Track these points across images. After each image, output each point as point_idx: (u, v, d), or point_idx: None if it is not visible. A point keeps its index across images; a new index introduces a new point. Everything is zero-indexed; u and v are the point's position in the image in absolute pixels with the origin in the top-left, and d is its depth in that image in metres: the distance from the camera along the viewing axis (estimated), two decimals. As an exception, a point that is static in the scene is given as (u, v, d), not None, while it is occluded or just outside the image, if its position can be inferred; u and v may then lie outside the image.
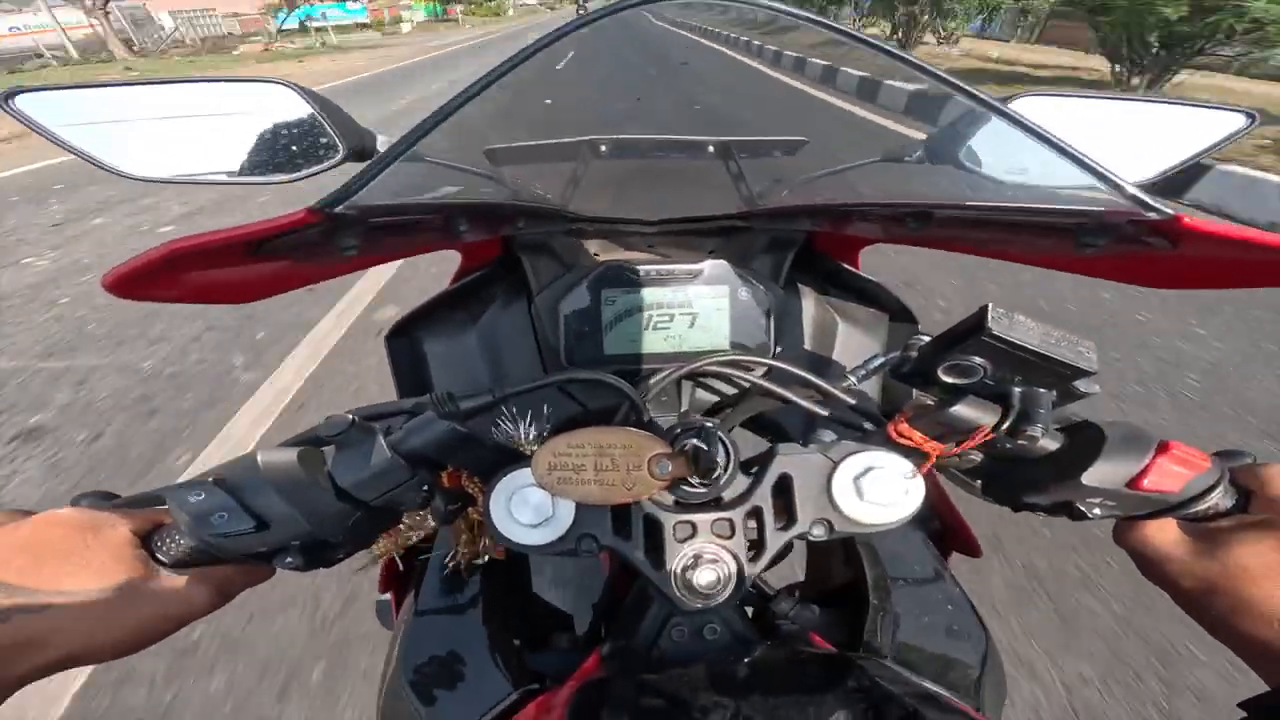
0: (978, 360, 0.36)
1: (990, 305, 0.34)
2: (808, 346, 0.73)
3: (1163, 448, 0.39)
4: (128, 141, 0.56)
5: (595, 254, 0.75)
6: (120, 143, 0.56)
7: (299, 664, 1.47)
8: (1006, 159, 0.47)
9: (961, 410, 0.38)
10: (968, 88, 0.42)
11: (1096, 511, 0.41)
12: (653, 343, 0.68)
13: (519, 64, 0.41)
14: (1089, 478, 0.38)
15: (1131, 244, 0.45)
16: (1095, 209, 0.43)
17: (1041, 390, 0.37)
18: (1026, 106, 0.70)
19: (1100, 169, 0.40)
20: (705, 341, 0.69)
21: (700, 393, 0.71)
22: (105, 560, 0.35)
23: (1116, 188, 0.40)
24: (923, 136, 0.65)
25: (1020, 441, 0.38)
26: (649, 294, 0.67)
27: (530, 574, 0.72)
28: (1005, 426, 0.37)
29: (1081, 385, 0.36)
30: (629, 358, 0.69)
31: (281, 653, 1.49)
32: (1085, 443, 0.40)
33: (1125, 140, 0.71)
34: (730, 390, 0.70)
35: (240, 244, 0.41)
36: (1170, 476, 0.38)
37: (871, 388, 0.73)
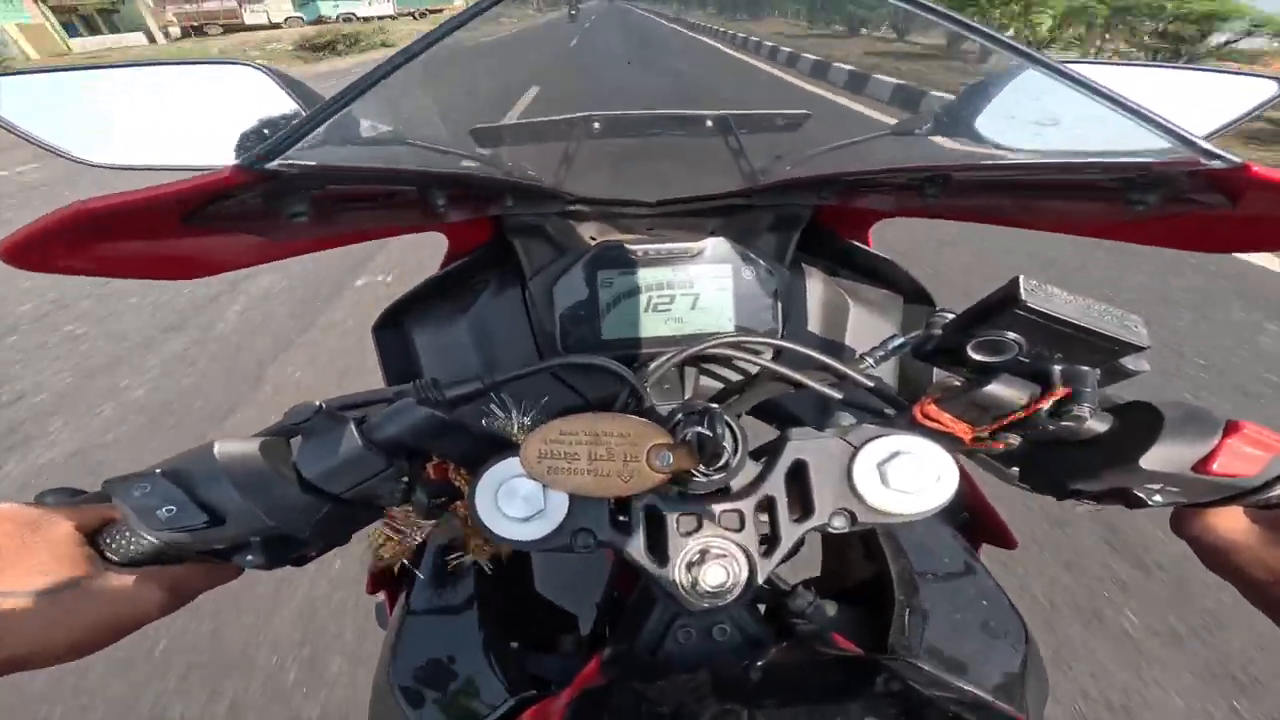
0: (1011, 336, 0.33)
1: (1022, 276, 0.31)
2: (817, 329, 0.69)
3: (1232, 428, 0.36)
4: (90, 128, 0.54)
5: (591, 237, 0.72)
6: (82, 129, 0.53)
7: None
8: (1039, 114, 0.43)
9: (996, 389, 0.35)
10: (1004, 39, 0.38)
11: (1157, 498, 0.37)
12: (653, 325, 0.65)
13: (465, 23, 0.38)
14: (1149, 461, 0.35)
15: (1186, 202, 0.41)
16: (1149, 161, 0.38)
17: (1085, 368, 0.34)
18: (1029, 79, 0.66)
19: (1155, 116, 0.35)
20: (708, 324, 0.66)
21: (704, 379, 0.68)
22: (46, 559, 0.33)
23: (1175, 135, 0.36)
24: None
25: (1065, 423, 0.35)
26: (648, 274, 0.64)
27: (532, 570, 0.70)
28: (1047, 406, 0.34)
29: (1129, 363, 0.34)
30: (628, 342, 0.65)
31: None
32: (1140, 423, 0.36)
33: (1153, 108, 0.67)
34: (736, 376, 0.67)
35: (165, 208, 0.37)
36: (1243, 459, 0.35)
37: (887, 372, 0.70)
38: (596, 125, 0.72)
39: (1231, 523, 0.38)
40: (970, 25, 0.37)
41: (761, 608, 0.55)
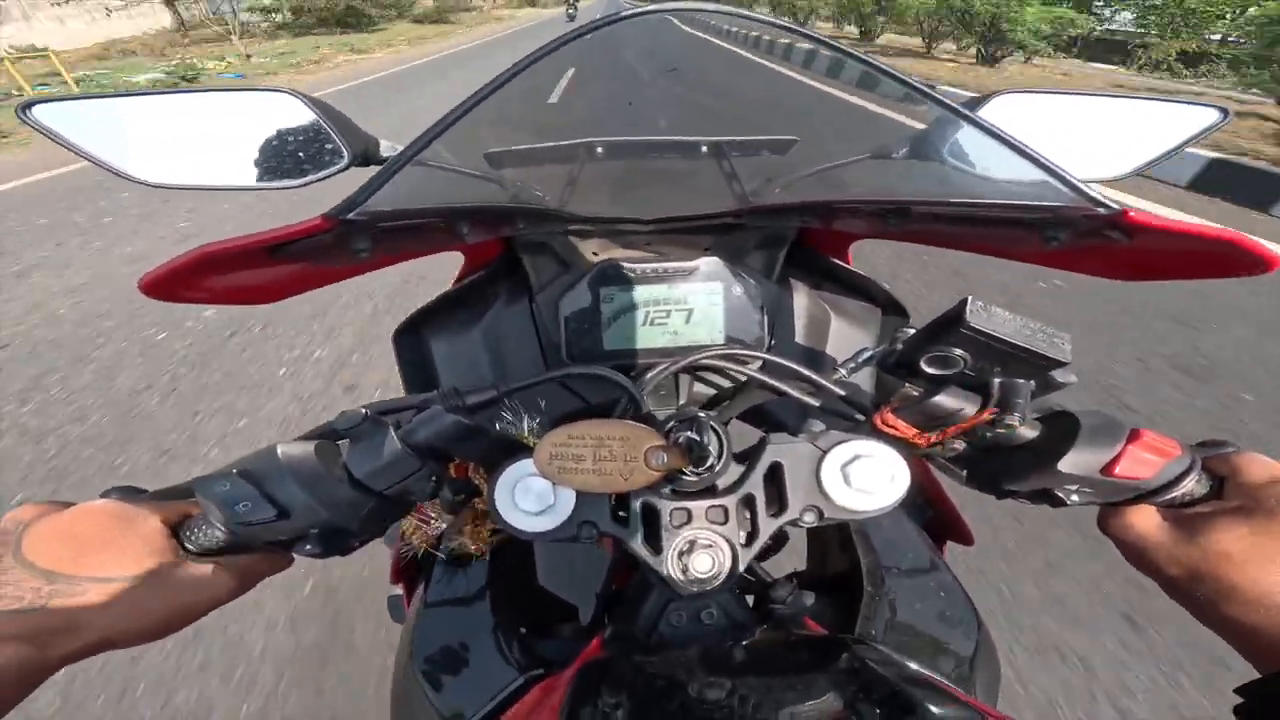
0: (958, 352, 0.37)
1: (970, 298, 0.35)
2: (801, 340, 0.75)
3: (1134, 435, 0.40)
4: (141, 149, 0.58)
5: (594, 253, 0.77)
6: (134, 150, 0.58)
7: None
8: (980, 157, 0.49)
9: (942, 400, 0.39)
10: (935, 94, 0.44)
11: (1074, 498, 0.42)
12: (650, 338, 0.70)
13: (520, 72, 0.44)
14: (1065, 465, 0.40)
15: (1092, 237, 0.48)
16: (1053, 204, 0.45)
17: (1020, 380, 0.38)
18: (1005, 102, 0.71)
19: (1053, 167, 0.42)
20: (701, 336, 0.71)
21: (698, 386, 0.73)
22: (139, 550, 0.37)
23: (1068, 184, 0.42)
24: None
25: (1000, 430, 0.39)
26: (646, 291, 0.69)
27: (535, 566, 0.74)
28: (985, 416, 0.39)
29: (1059, 375, 0.38)
30: (627, 353, 0.71)
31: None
32: (1061, 431, 0.41)
33: (1102, 135, 0.72)
34: (726, 384, 0.72)
35: (262, 248, 0.44)
36: (1142, 463, 0.40)
37: (866, 379, 0.75)
38: (599, 150, 0.77)
39: (1144, 522, 0.42)
40: (909, 82, 0.43)
41: (750, 599, 0.61)
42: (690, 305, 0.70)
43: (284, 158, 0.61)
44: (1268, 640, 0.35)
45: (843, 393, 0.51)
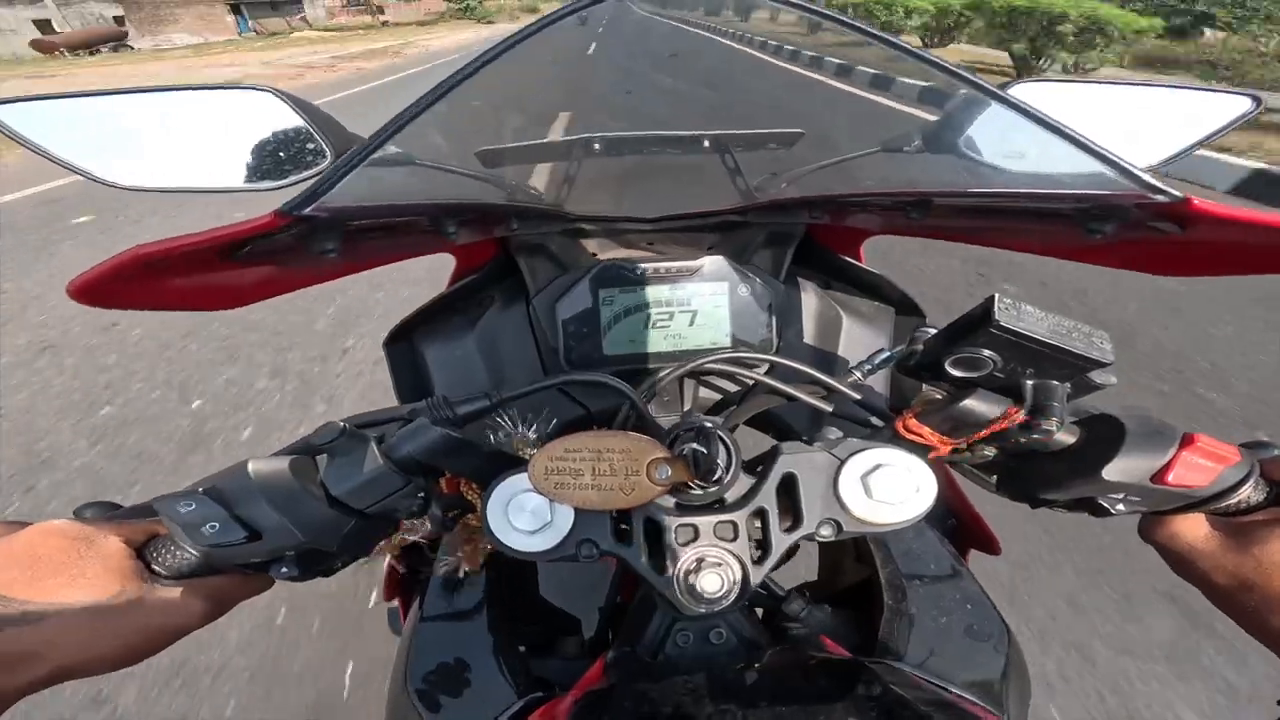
0: (986, 353, 0.35)
1: (997, 295, 0.33)
2: (811, 341, 0.71)
3: (1187, 440, 0.38)
4: (114, 151, 0.56)
5: (593, 253, 0.74)
6: (107, 152, 0.55)
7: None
8: (1007, 147, 0.46)
9: (971, 404, 0.37)
10: (967, 75, 0.41)
11: (1120, 507, 0.40)
12: (653, 341, 0.67)
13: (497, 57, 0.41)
14: (1110, 472, 0.37)
15: (1140, 229, 0.44)
16: (1102, 193, 0.42)
17: (1055, 382, 0.36)
18: (1025, 93, 0.68)
19: (1105, 152, 0.38)
20: (706, 339, 0.68)
21: (704, 391, 0.70)
22: (99, 572, 0.34)
23: (1123, 171, 0.39)
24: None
25: (1035, 435, 0.37)
26: (647, 292, 0.66)
27: (537, 577, 0.72)
28: (1019, 420, 0.36)
29: (1097, 377, 0.35)
30: (629, 357, 0.68)
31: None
32: (1104, 436, 0.39)
33: (1128, 125, 0.69)
34: (734, 387, 0.69)
35: (208, 250, 0.40)
36: (1197, 470, 0.37)
37: (880, 383, 0.72)
38: (597, 146, 0.74)
39: (1193, 530, 0.40)
40: (939, 64, 0.40)
41: (759, 612, 0.58)
42: (694, 307, 0.67)
43: (264, 158, 0.58)
44: None
45: (858, 396, 0.48)
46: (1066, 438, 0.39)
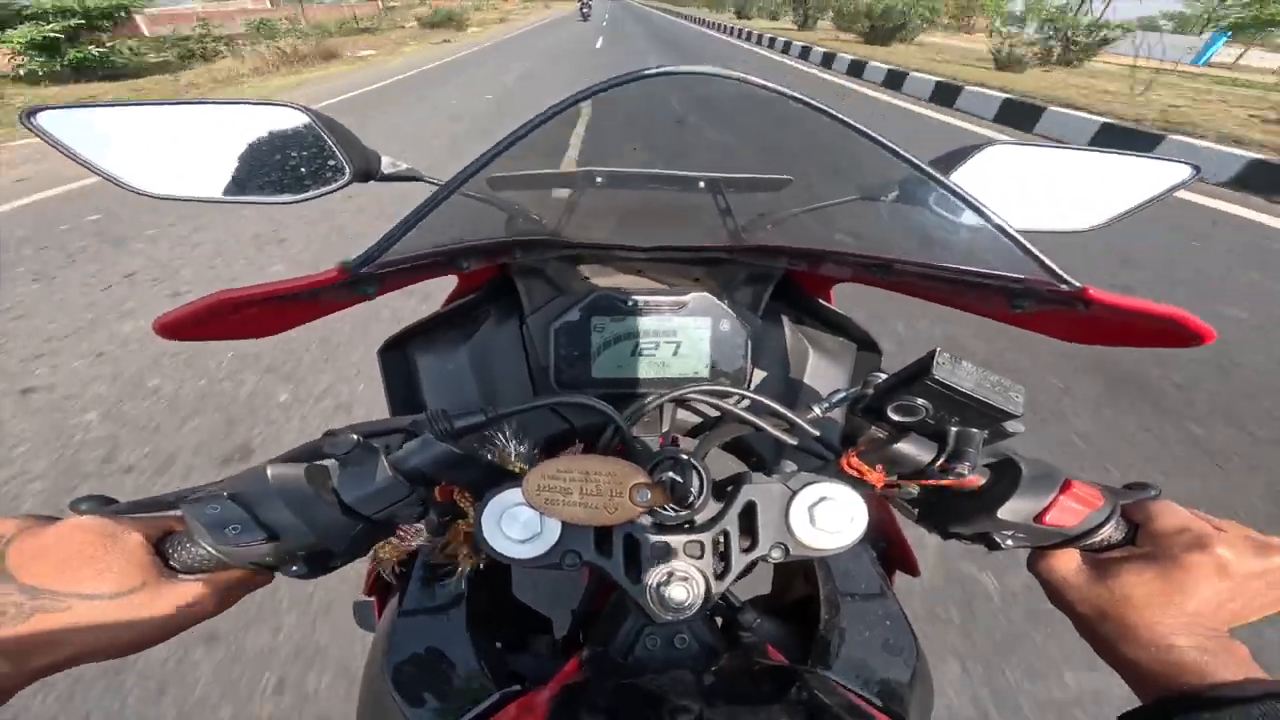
0: (920, 401, 0.40)
1: (938, 350, 0.38)
2: (781, 373, 0.77)
3: (1065, 486, 0.44)
4: (143, 160, 0.58)
5: (586, 277, 0.78)
6: (136, 161, 0.58)
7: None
8: (960, 213, 0.52)
9: (904, 447, 0.42)
10: (914, 160, 0.48)
11: (1009, 543, 0.46)
12: (639, 368, 0.72)
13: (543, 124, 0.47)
14: (1004, 512, 0.43)
15: (1052, 304, 0.51)
16: (1019, 276, 0.49)
17: (974, 430, 0.41)
18: (996, 156, 0.75)
19: (1024, 243, 0.46)
20: (688, 368, 0.73)
21: (682, 414, 0.75)
22: (122, 566, 0.38)
23: (1036, 260, 0.46)
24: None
25: (949, 478, 0.42)
26: (636, 322, 0.71)
27: (511, 577, 0.75)
28: (939, 463, 0.42)
29: (1009, 426, 0.41)
30: (616, 381, 0.72)
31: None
32: (1005, 479, 0.45)
33: (1082, 188, 0.77)
34: (711, 413, 0.74)
35: (279, 295, 0.46)
36: (1069, 513, 0.44)
37: (840, 413, 0.78)
38: (599, 179, 0.79)
39: (1065, 564, 0.45)
40: (896, 151, 0.47)
41: (719, 621, 0.63)
42: (679, 338, 0.72)
43: (285, 172, 0.61)
44: (1151, 675, 0.39)
45: (816, 433, 0.54)
46: (977, 479, 0.45)
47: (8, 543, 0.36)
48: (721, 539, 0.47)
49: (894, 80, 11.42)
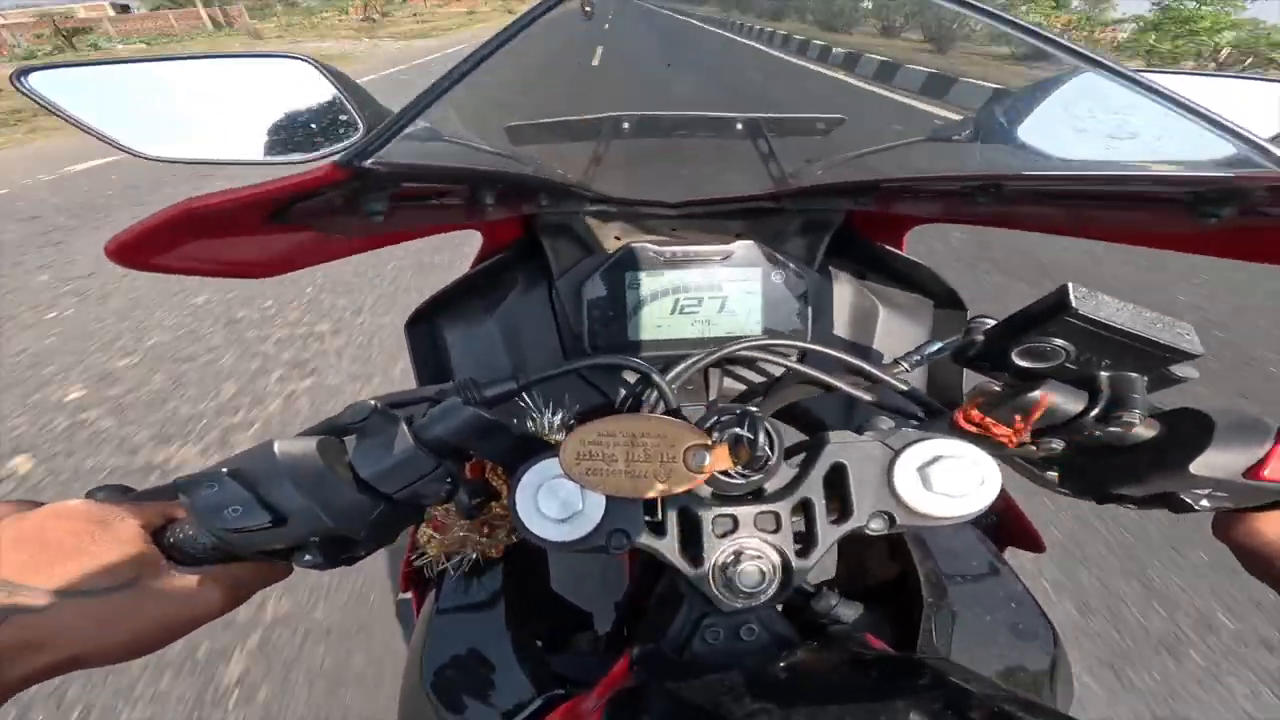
0: (1059, 342, 0.33)
1: (1071, 284, 0.31)
2: (845, 333, 0.69)
3: None
4: (143, 120, 0.55)
5: (615, 237, 0.72)
6: (136, 121, 0.54)
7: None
8: (1096, 130, 0.42)
9: (1044, 396, 0.35)
10: (1066, 42, 0.38)
11: (1204, 503, 0.38)
12: (679, 327, 0.66)
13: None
14: (1199, 467, 0.35)
15: (1262, 215, 0.41)
16: (1229, 174, 0.38)
17: (1134, 375, 0.34)
18: (1089, 82, 0.65)
19: (1235, 126, 0.35)
20: (735, 326, 0.66)
21: (728, 381, 0.68)
22: (113, 557, 0.33)
23: (1257, 147, 0.35)
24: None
25: (1113, 428, 0.35)
26: (676, 277, 0.64)
27: (548, 570, 0.70)
28: (1095, 413, 0.35)
29: (1178, 370, 0.34)
30: (655, 343, 0.66)
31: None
32: (1190, 430, 0.37)
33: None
34: (759, 379, 0.67)
35: (260, 206, 0.38)
36: None
37: (916, 378, 0.69)
38: (626, 125, 0.72)
39: (1275, 528, 0.38)
40: (1028, 27, 0.37)
41: (779, 608, 0.56)
42: (724, 293, 0.65)
43: (295, 129, 0.57)
44: None
45: (905, 387, 0.46)
46: (1147, 431, 0.37)
47: None
48: (801, 509, 0.40)
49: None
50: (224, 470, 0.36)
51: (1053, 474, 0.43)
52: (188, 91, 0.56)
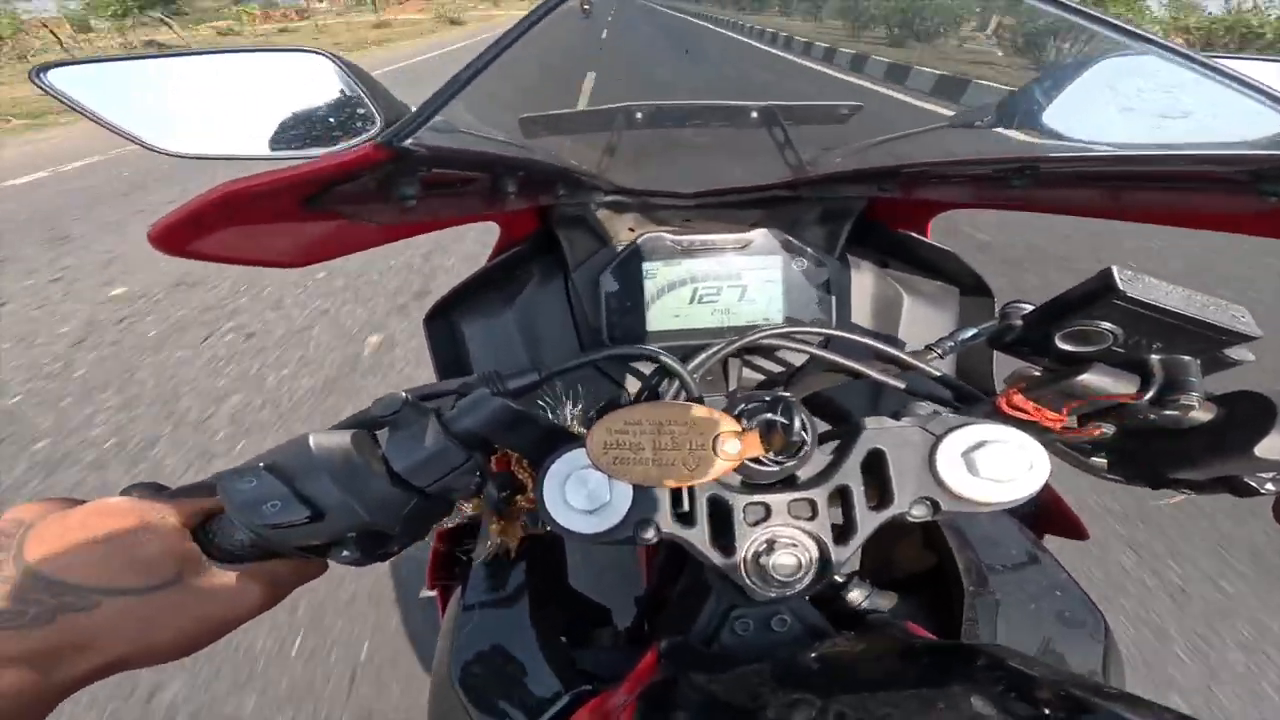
0: (1106, 325, 0.32)
1: (1115, 267, 0.30)
2: (868, 322, 0.68)
3: None
4: (162, 116, 0.55)
5: (630, 228, 0.72)
6: (154, 117, 0.54)
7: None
8: (1144, 108, 0.41)
9: (1091, 379, 0.34)
10: (1107, 18, 0.37)
11: (1270, 486, 0.37)
12: (699, 317, 0.65)
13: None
14: (1264, 450, 0.34)
15: None
16: (1265, 153, 0.36)
17: (1187, 358, 0.33)
18: (1130, 63, 0.64)
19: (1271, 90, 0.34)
20: (756, 315, 0.65)
21: (747, 372, 0.68)
22: (156, 555, 0.33)
23: None
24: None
25: (1169, 412, 0.34)
26: (694, 266, 0.64)
27: (566, 563, 0.70)
28: (1150, 396, 0.34)
29: (1233, 353, 0.33)
30: (674, 333, 0.65)
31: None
32: (1251, 412, 0.35)
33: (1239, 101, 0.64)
34: (779, 369, 0.67)
35: (297, 189, 0.38)
36: None
37: (946, 367, 0.69)
38: (639, 115, 0.72)
39: None
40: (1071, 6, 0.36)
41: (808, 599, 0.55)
42: (744, 281, 0.64)
43: (313, 124, 0.57)
44: None
45: (939, 373, 0.45)
46: (1204, 415, 0.36)
47: (28, 530, 0.32)
48: (838, 497, 0.39)
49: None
50: (261, 465, 0.36)
51: (1100, 460, 0.42)
52: (204, 87, 0.56)
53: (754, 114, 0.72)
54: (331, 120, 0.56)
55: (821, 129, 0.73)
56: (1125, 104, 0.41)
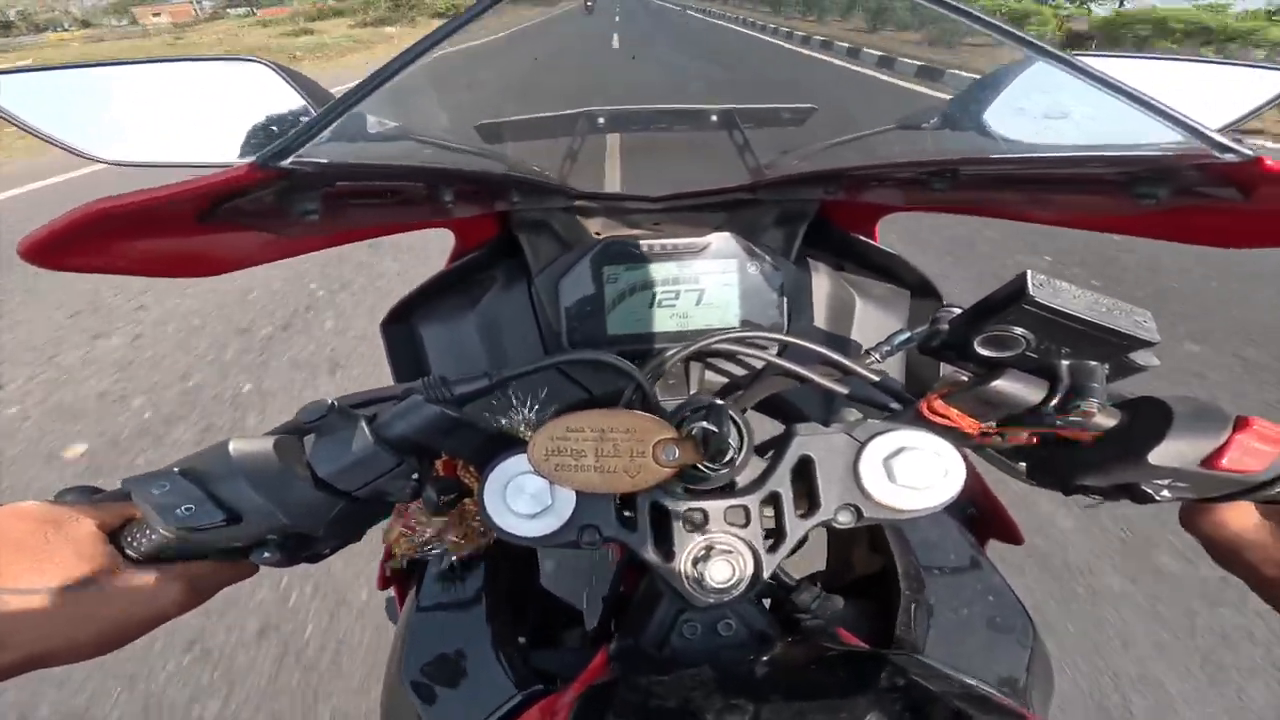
0: (1019, 331, 0.33)
1: (1029, 271, 0.31)
2: (823, 324, 0.69)
3: (1242, 423, 0.35)
4: (102, 125, 0.54)
5: (596, 232, 0.72)
6: (94, 126, 0.54)
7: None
8: (1040, 114, 0.42)
9: (1003, 385, 0.35)
10: (1016, 32, 0.37)
11: (1165, 494, 0.37)
12: (658, 321, 0.65)
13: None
14: (1157, 456, 0.35)
15: (1196, 196, 0.40)
16: (1157, 154, 0.37)
17: (1093, 363, 0.34)
18: (1039, 72, 0.65)
19: (1164, 107, 0.34)
20: (714, 319, 0.66)
21: (710, 374, 0.68)
22: (68, 556, 0.33)
23: (1185, 127, 0.34)
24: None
25: (1073, 418, 0.34)
26: (653, 270, 0.64)
27: (537, 566, 0.70)
28: (1054, 402, 0.34)
29: (1138, 358, 0.33)
30: (633, 337, 0.65)
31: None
32: (1149, 419, 0.36)
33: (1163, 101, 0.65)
34: (741, 371, 0.67)
35: (182, 207, 0.37)
36: (1252, 454, 0.35)
37: (895, 368, 0.69)
38: (601, 120, 0.71)
39: (1241, 519, 0.38)
40: (983, 19, 0.36)
41: (767, 602, 0.56)
42: (701, 285, 0.64)
43: (256, 131, 0.56)
44: None
45: (876, 378, 0.46)
46: (1106, 421, 0.37)
47: None
48: (770, 503, 0.40)
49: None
50: (175, 469, 0.36)
51: (1021, 465, 0.43)
52: (146, 96, 0.55)
53: (713, 117, 0.72)
54: (274, 129, 0.56)
55: (778, 132, 0.73)
56: (1032, 111, 0.43)
